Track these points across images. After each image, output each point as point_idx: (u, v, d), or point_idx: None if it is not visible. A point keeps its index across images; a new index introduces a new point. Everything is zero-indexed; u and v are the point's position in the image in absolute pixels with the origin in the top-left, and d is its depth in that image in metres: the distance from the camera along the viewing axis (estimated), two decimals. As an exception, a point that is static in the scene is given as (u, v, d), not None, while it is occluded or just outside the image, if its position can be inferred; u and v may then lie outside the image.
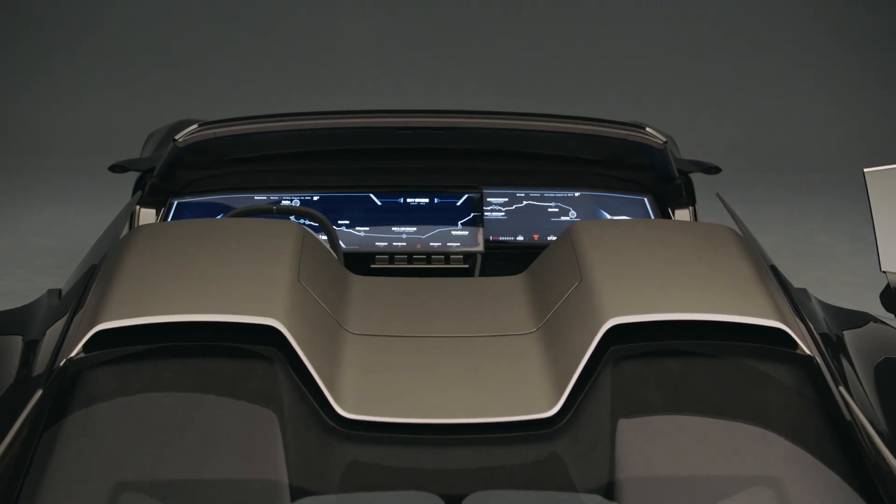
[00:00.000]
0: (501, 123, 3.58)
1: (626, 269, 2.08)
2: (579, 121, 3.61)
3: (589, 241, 2.16)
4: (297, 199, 3.66)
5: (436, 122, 3.59)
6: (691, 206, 3.83)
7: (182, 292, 1.98)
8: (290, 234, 2.18)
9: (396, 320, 2.14)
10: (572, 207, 3.80)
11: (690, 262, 2.12)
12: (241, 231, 2.21)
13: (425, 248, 3.61)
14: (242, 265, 2.07)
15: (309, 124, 3.53)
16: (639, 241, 2.18)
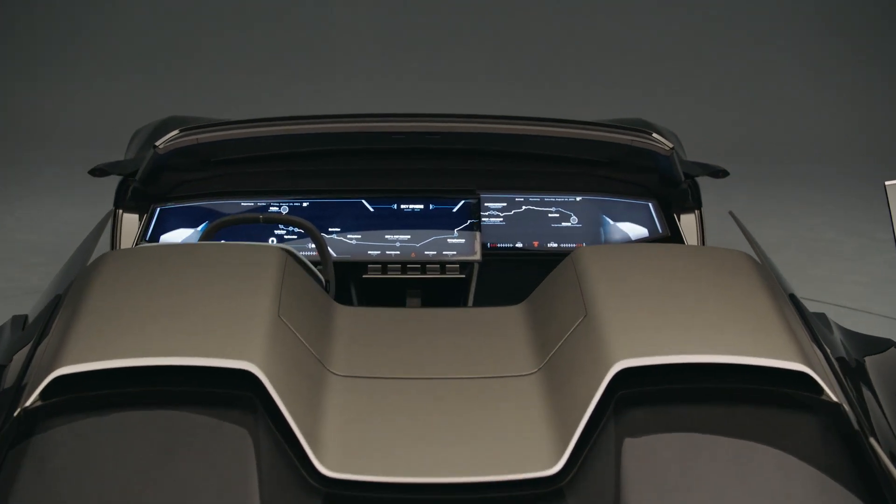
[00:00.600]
0: (501, 128, 3.41)
1: (635, 303, 1.91)
2: (583, 125, 3.44)
3: (594, 269, 1.99)
4: (286, 206, 3.50)
5: (432, 126, 3.42)
6: (697, 209, 3.67)
7: (149, 331, 1.81)
8: (271, 262, 2.01)
9: (385, 358, 1.98)
10: (573, 213, 3.64)
11: (704, 294, 1.95)
12: (217, 259, 2.03)
13: (420, 256, 3.45)
14: (217, 299, 1.90)
15: (297, 129, 3.36)
16: (648, 269, 2.01)
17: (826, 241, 6.51)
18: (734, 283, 1.98)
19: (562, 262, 2.12)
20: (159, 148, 3.32)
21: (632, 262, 2.03)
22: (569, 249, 3.61)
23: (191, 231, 3.50)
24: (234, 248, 2.11)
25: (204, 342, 1.77)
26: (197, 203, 3.51)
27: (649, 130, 3.50)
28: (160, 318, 1.85)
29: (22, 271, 5.94)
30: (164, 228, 3.50)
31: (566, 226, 3.62)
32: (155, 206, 3.50)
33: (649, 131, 3.47)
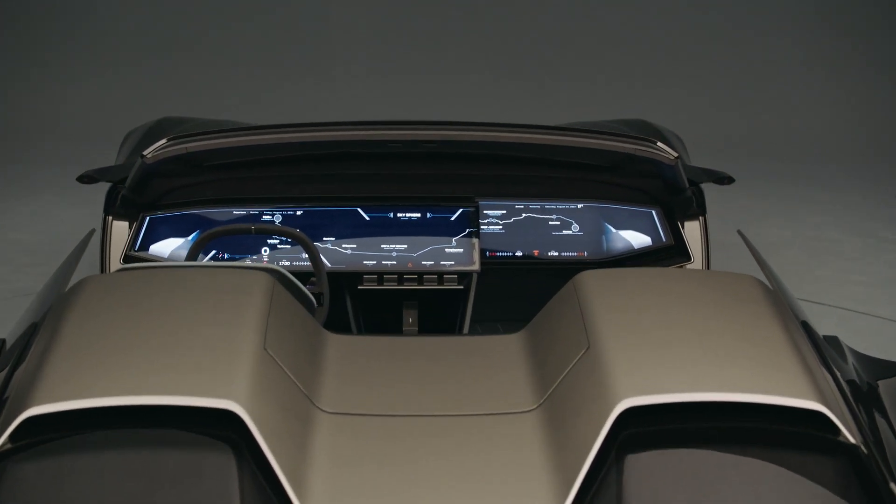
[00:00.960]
0: (501, 137, 3.32)
1: (640, 335, 1.82)
2: (586, 134, 3.35)
3: (597, 297, 1.90)
4: (279, 214, 3.40)
5: (429, 134, 3.33)
6: (702, 216, 3.58)
7: (126, 367, 1.71)
8: (258, 289, 1.91)
9: (377, 393, 1.88)
10: (574, 220, 3.55)
11: (713, 325, 1.86)
12: (200, 285, 1.94)
13: (417, 267, 3.36)
14: (199, 330, 1.81)
15: (289, 138, 3.27)
16: (653, 297, 1.91)
17: (830, 240, 6.42)
18: (744, 312, 1.88)
19: (563, 288, 2.02)
20: (147, 157, 3.23)
21: (636, 289, 1.94)
22: (570, 258, 3.52)
23: (181, 240, 3.41)
24: (219, 272, 2.01)
25: (184, 379, 1.68)
26: (187, 211, 3.41)
27: (653, 140, 3.40)
28: (139, 351, 1.76)
29: (14, 273, 5.84)
30: (154, 237, 3.40)
31: (567, 234, 3.53)
32: (144, 214, 3.40)
33: (654, 140, 3.38)
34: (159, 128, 4.38)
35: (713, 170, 3.71)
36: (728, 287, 1.97)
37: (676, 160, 3.33)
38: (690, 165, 3.77)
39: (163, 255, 3.37)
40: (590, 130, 3.40)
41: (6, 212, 6.87)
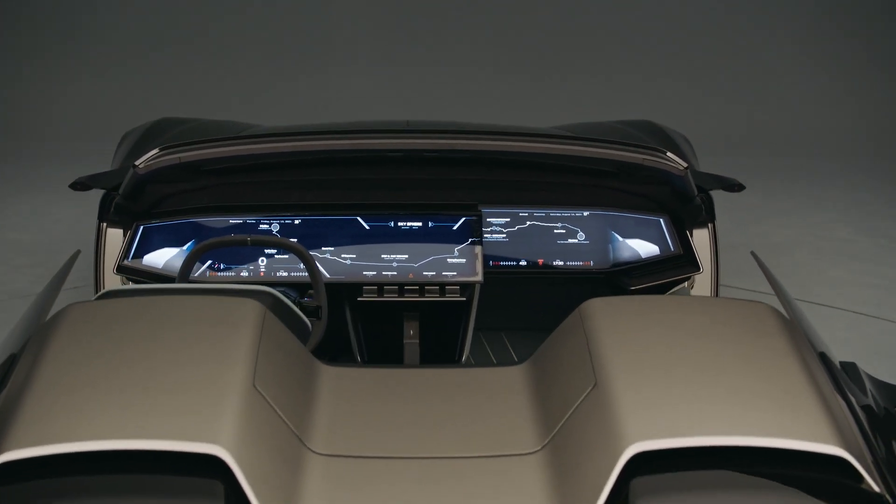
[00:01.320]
0: (504, 146, 3.22)
1: (650, 371, 1.72)
2: (592, 143, 3.24)
3: (604, 329, 1.80)
4: (276, 223, 3.31)
5: (430, 143, 3.23)
6: (710, 223, 3.48)
7: (107, 408, 1.62)
8: (247, 320, 1.81)
9: (372, 433, 1.78)
10: (580, 228, 3.45)
11: (728, 360, 1.75)
12: (186, 316, 1.84)
13: (418, 277, 3.26)
14: (185, 367, 1.71)
15: (286, 146, 3.17)
16: (664, 329, 1.81)
17: (839, 240, 6.31)
18: (759, 346, 1.78)
19: (569, 317, 1.92)
20: (139, 168, 3.14)
21: (646, 320, 1.83)
22: (576, 268, 3.42)
23: (176, 250, 3.32)
24: (207, 301, 1.91)
25: (167, 422, 1.58)
26: (182, 220, 3.32)
27: (662, 149, 3.30)
28: (120, 390, 1.66)
29: (10, 273, 5.74)
30: (149, 247, 3.31)
31: (573, 242, 3.43)
32: (138, 223, 3.31)
33: (663, 150, 3.28)
34: (158, 128, 4.29)
35: (723, 176, 3.60)
36: (742, 317, 1.87)
37: (686, 170, 3.23)
38: (699, 171, 3.67)
39: (157, 265, 3.28)
40: (597, 139, 3.30)
41: (3, 210, 6.78)
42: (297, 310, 2.18)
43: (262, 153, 3.19)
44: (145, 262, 3.27)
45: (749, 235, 6.26)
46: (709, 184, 3.53)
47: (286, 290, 3.11)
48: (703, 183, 3.50)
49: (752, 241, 6.16)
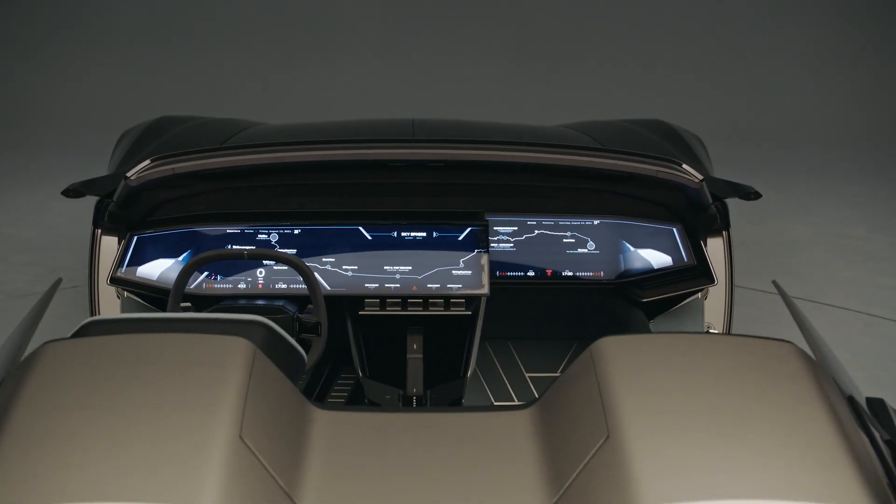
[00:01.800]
0: (513, 157, 3.09)
1: (668, 424, 1.59)
2: (604, 153, 3.12)
3: (619, 375, 1.67)
4: (275, 233, 3.19)
5: (434, 153, 3.10)
6: (725, 231, 3.35)
7: (82, 464, 1.50)
8: (235, 364, 1.69)
9: (367, 487, 1.66)
10: (591, 238, 3.32)
11: (751, 411, 1.63)
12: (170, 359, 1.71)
13: (422, 290, 3.14)
14: (167, 417, 1.59)
15: (284, 157, 3.05)
16: (682, 374, 1.69)
17: (856, 238, 6.16)
18: (785, 393, 1.66)
19: (580, 358, 1.80)
20: (130, 179, 3.02)
21: (662, 363, 1.71)
22: (586, 279, 3.29)
23: (171, 261, 3.20)
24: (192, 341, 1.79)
25: (147, 480, 1.47)
26: (177, 230, 3.20)
27: (678, 161, 3.17)
28: (96, 444, 1.54)
29: (8, 272, 5.63)
30: (143, 257, 3.20)
31: (583, 252, 3.31)
32: (132, 233, 3.19)
33: (678, 162, 3.14)
34: (157, 127, 4.15)
35: (738, 184, 3.47)
36: (766, 360, 1.74)
37: (702, 183, 3.10)
38: (714, 178, 3.53)
39: (151, 277, 3.17)
40: (608, 150, 3.17)
41: (2, 204, 6.66)
42: (291, 340, 2.06)
43: (260, 164, 3.07)
44: (139, 274, 3.16)
45: (762, 233, 6.13)
46: (724, 192, 3.39)
47: (285, 303, 2.99)
48: (718, 191, 3.37)
49: (765, 238, 6.03)
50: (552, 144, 3.15)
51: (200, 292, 3.13)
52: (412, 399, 2.99)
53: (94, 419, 1.60)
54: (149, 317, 2.06)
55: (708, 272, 3.24)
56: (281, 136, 3.81)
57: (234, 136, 3.83)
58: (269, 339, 1.96)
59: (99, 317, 2.06)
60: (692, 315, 3.39)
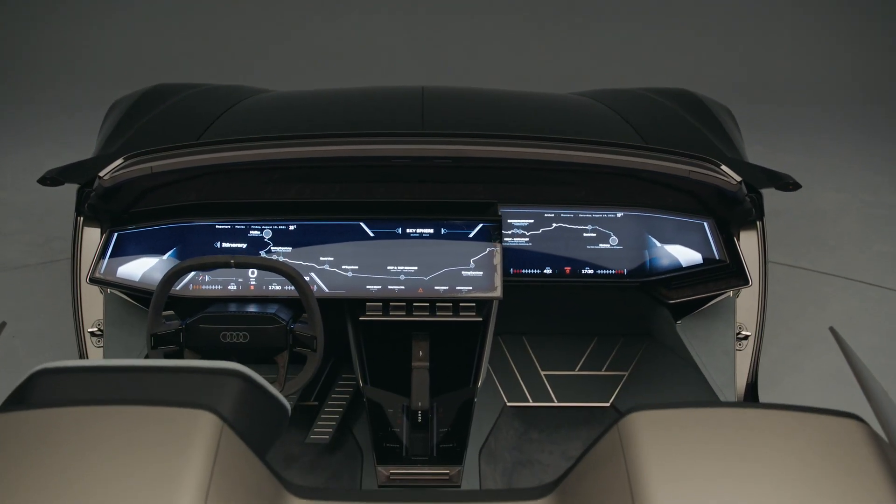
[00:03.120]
0: (529, 153, 2.80)
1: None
2: (632, 151, 2.82)
3: (652, 462, 1.40)
4: (269, 229, 2.92)
5: (442, 149, 2.82)
6: (759, 221, 3.06)
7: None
8: (197, 443, 1.42)
9: None
10: (613, 232, 3.04)
11: None
12: (122, 438, 1.45)
13: (429, 292, 2.87)
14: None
15: (279, 153, 2.78)
16: (727, 461, 1.42)
17: (890, 206, 5.84)
18: (852, 488, 1.39)
19: (606, 437, 1.52)
20: (104, 179, 2.75)
21: (702, 447, 1.43)
22: (608, 277, 3.02)
23: (155, 260, 2.94)
24: (148, 417, 1.51)
25: None
26: (160, 226, 2.93)
27: (716, 161, 2.87)
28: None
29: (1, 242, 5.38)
30: (124, 256, 2.94)
31: (605, 248, 3.03)
32: (112, 230, 2.92)
33: (716, 162, 2.85)
34: (153, 97, 3.85)
35: (775, 171, 3.16)
36: (827, 442, 1.47)
37: (740, 185, 2.82)
38: (747, 163, 3.23)
39: (133, 277, 2.91)
40: (637, 147, 2.87)
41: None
42: (271, 390, 1.79)
43: (249, 161, 2.79)
44: (120, 275, 2.90)
45: (787, 200, 5.81)
46: (759, 180, 3.09)
47: (279, 309, 2.73)
48: (752, 179, 3.06)
49: (795, 207, 5.72)
50: (571, 140, 2.86)
51: (187, 294, 2.88)
52: (417, 414, 2.75)
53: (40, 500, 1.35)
54: (106, 365, 1.79)
55: (742, 272, 2.96)
56: (281, 111, 3.53)
57: (235, 107, 3.54)
58: (245, 393, 1.70)
59: (50, 365, 1.80)
60: (723, 316, 3.12)
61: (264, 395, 1.75)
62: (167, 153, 2.78)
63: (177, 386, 1.67)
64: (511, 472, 3.22)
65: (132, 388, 1.67)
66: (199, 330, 2.61)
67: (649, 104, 3.75)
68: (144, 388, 1.68)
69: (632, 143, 3.01)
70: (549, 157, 2.80)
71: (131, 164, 2.76)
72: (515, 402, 3.49)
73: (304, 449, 3.31)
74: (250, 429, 1.66)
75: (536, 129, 3.18)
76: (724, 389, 3.05)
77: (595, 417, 3.45)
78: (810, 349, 4.40)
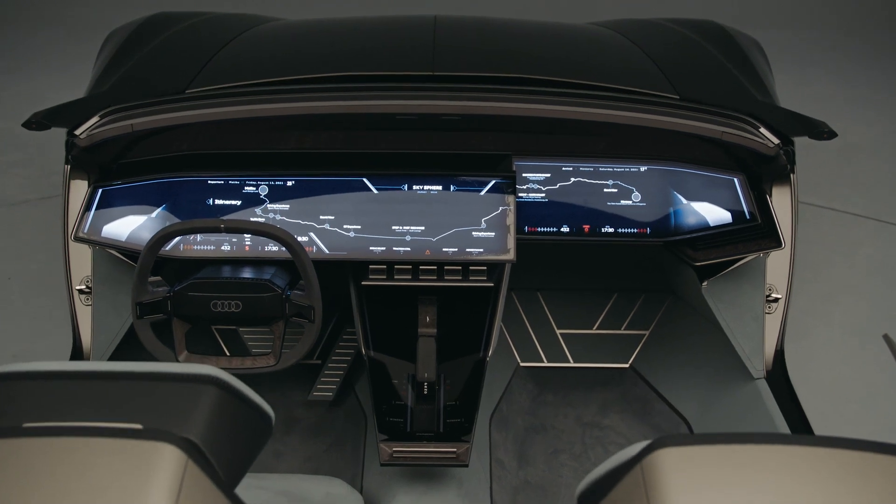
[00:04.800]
0: (546, 111, 2.58)
1: None
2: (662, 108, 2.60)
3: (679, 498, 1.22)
4: (265, 185, 2.72)
5: (450, 106, 2.59)
6: (791, 174, 2.84)
7: None
8: (158, 483, 1.25)
9: None
10: (636, 187, 2.83)
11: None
12: (77, 473, 1.27)
13: (436, 254, 2.68)
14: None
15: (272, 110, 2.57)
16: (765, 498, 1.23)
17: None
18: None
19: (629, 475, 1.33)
20: (80, 139, 2.55)
21: (741, 488, 1.24)
22: (629, 236, 2.81)
23: (143, 217, 2.75)
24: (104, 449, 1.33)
25: None
26: (150, 180, 2.74)
27: (754, 123, 2.64)
28: None
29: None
30: (110, 213, 2.75)
31: (626, 205, 2.82)
32: (97, 186, 2.73)
33: (754, 124, 2.62)
34: (151, 27, 3.61)
35: (809, 119, 2.90)
36: (880, 484, 1.28)
37: (777, 148, 2.59)
38: (778, 108, 2.97)
39: (120, 237, 2.72)
40: (667, 104, 2.64)
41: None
42: (253, 397, 1.61)
43: (237, 117, 2.58)
44: (105, 234, 2.72)
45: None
46: (791, 127, 2.84)
47: (275, 273, 2.56)
48: (783, 126, 2.81)
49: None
50: (594, 96, 2.63)
51: (178, 254, 2.70)
52: (423, 385, 2.58)
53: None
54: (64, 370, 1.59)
55: (775, 233, 2.75)
56: (286, 42, 3.30)
57: (238, 38, 3.31)
58: (221, 405, 1.52)
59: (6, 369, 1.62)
60: (752, 278, 2.92)
61: (244, 405, 1.57)
62: (149, 108, 2.57)
63: (143, 398, 1.49)
64: (523, 439, 3.06)
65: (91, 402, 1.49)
66: (189, 298, 2.44)
67: (671, 36, 3.49)
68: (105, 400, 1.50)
69: (658, 95, 2.77)
70: (569, 116, 2.58)
71: (109, 122, 2.55)
72: (529, 363, 3.32)
73: (306, 410, 3.16)
74: (226, 447, 1.48)
75: (554, 64, 2.96)
76: (753, 357, 2.87)
77: (613, 379, 3.28)
78: (839, 299, 4.20)
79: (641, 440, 3.06)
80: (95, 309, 2.88)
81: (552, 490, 2.92)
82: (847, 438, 1.33)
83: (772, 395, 2.78)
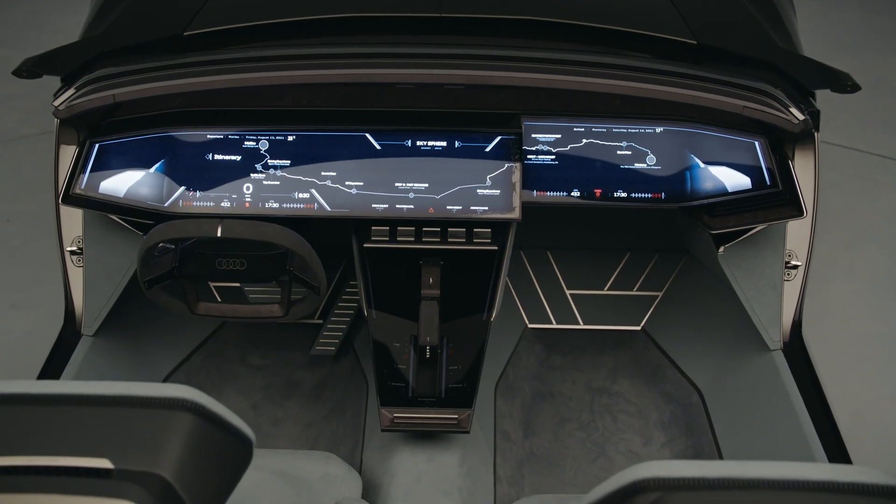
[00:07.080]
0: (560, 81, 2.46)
1: None
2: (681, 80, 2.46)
3: None
4: (265, 140, 2.62)
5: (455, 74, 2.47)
6: (815, 131, 2.69)
7: None
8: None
9: None
10: (651, 150, 2.69)
11: None
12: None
13: (440, 212, 2.58)
14: None
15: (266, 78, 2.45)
16: None
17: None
18: None
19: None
20: (59, 111, 2.44)
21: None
22: (643, 201, 2.68)
23: (141, 173, 2.64)
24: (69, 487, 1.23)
25: None
26: (147, 134, 2.62)
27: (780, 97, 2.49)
28: None
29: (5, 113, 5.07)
30: (107, 169, 2.64)
31: (641, 168, 2.68)
32: (92, 140, 2.63)
33: (785, 103, 2.48)
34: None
35: (832, 70, 2.71)
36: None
37: (801, 124, 2.45)
38: (800, 57, 2.80)
39: (117, 193, 2.62)
40: (686, 75, 2.49)
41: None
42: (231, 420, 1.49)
43: (229, 86, 2.46)
44: (102, 190, 2.62)
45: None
46: (813, 80, 2.67)
47: None
48: (805, 79, 2.65)
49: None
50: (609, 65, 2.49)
51: (177, 210, 2.61)
52: (425, 349, 2.52)
53: None
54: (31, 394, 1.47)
55: (797, 201, 2.62)
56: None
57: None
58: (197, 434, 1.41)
59: None
60: (772, 244, 2.80)
61: (221, 431, 1.46)
62: (132, 77, 2.45)
63: (112, 427, 1.39)
64: (530, 407, 2.99)
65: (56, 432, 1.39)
66: (194, 256, 2.43)
67: None
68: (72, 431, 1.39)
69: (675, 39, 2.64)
70: (583, 87, 2.45)
71: (89, 93, 2.43)
72: (537, 324, 3.23)
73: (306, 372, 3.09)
74: (202, 478, 1.39)
75: (568, 5, 2.81)
76: (770, 328, 2.76)
77: (624, 342, 3.19)
78: (862, 249, 4.07)
79: (652, 409, 2.98)
80: (87, 272, 2.79)
81: (558, 462, 2.85)
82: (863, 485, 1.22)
83: (788, 369, 2.69)
